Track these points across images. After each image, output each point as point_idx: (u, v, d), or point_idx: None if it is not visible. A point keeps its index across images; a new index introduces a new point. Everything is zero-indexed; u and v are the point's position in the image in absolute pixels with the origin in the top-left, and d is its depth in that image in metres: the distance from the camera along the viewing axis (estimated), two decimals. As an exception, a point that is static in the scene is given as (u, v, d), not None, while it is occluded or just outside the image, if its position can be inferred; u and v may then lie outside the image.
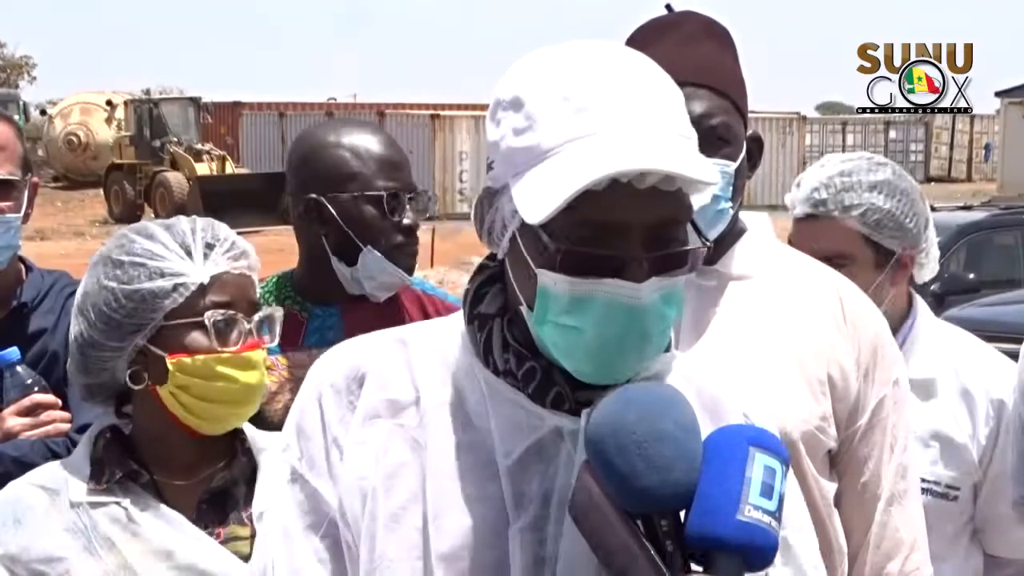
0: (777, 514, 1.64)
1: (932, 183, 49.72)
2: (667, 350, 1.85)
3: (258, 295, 2.51)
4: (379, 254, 3.06)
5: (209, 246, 2.44)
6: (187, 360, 2.40)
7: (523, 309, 1.77)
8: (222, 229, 2.49)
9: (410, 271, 3.13)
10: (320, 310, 3.12)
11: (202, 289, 2.41)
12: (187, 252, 2.43)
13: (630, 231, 1.68)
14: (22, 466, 2.68)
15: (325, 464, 1.84)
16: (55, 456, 2.75)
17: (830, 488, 2.57)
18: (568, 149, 1.68)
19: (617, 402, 1.66)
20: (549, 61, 1.75)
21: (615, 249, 1.68)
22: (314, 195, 3.10)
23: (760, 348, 2.54)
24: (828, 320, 2.58)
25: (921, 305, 3.48)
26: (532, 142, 1.70)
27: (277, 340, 2.50)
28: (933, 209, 12.92)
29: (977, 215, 14.89)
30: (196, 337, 2.40)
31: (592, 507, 1.64)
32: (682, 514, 1.64)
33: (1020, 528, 3.37)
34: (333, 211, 3.08)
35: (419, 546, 1.77)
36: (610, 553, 1.64)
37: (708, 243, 1.77)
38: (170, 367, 2.41)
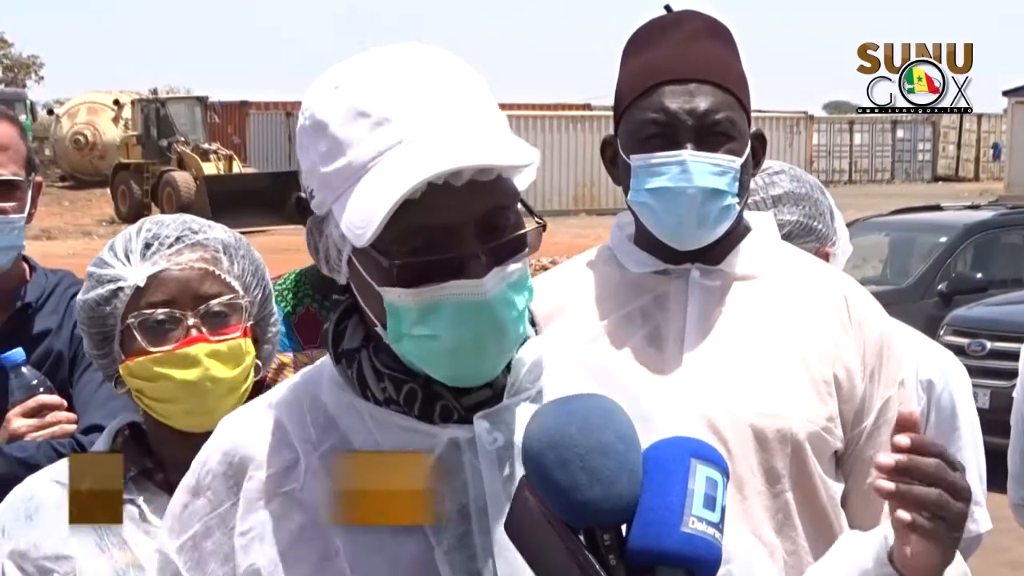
0: (720, 526, 1.62)
1: (939, 182, 49.79)
2: (532, 333, 1.82)
3: (232, 284, 2.44)
4: None
5: (147, 246, 2.41)
6: (131, 364, 2.40)
7: (379, 329, 1.74)
8: (169, 226, 2.45)
9: None
10: None
11: (139, 291, 2.39)
12: (126, 256, 2.41)
13: (459, 229, 1.65)
14: (28, 467, 2.68)
15: (207, 559, 1.80)
16: (60, 457, 2.74)
17: (837, 489, 2.57)
18: (379, 164, 1.65)
19: (557, 414, 1.64)
20: (340, 78, 1.72)
21: (449, 250, 1.66)
22: (303, 194, 3.09)
23: (765, 349, 2.53)
24: (834, 320, 2.57)
25: None
26: (343, 164, 1.68)
27: (242, 331, 2.43)
28: (940, 208, 12.87)
29: (984, 214, 14.85)
30: (139, 340, 2.39)
31: (532, 523, 1.62)
32: (624, 528, 1.62)
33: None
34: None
35: None
36: (552, 569, 1.61)
37: (541, 221, 1.74)
38: (120, 372, 2.42)
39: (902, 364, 2.64)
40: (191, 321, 2.38)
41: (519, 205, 1.73)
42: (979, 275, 13.46)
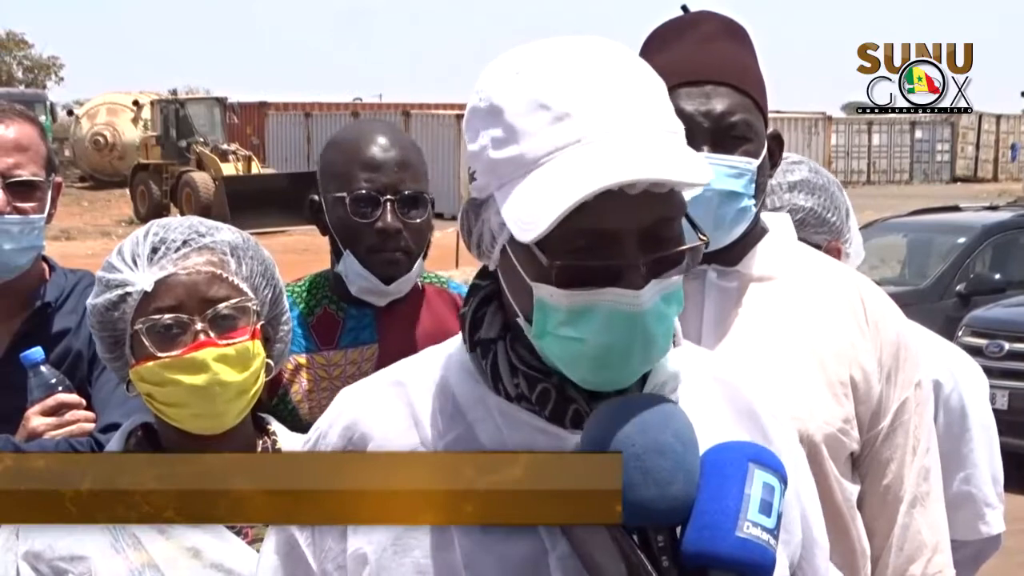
0: (775, 532, 1.62)
1: (958, 183, 49.59)
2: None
3: (240, 287, 2.43)
4: (354, 258, 3.01)
5: (155, 250, 2.41)
6: (141, 368, 2.40)
7: (521, 321, 1.72)
8: (176, 229, 2.45)
9: (387, 278, 3.02)
10: (355, 310, 3.09)
11: (148, 296, 2.39)
12: (133, 260, 2.41)
13: (624, 237, 1.63)
14: (46, 466, 2.68)
15: (325, 536, 1.81)
16: (79, 456, 2.75)
17: (853, 490, 2.57)
18: (554, 160, 1.62)
19: (616, 414, 1.64)
20: (522, 64, 1.69)
21: (610, 257, 1.63)
22: (315, 196, 3.11)
23: (782, 350, 2.53)
24: (850, 322, 2.57)
25: None
26: (515, 153, 1.65)
27: (250, 334, 2.42)
28: (958, 209, 12.91)
29: (1003, 215, 14.79)
30: (147, 345, 2.39)
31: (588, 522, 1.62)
32: (678, 530, 1.62)
33: (969, 508, 3.45)
34: (325, 213, 3.07)
35: None
36: (604, 568, 1.61)
37: (705, 238, 1.70)
38: (131, 376, 2.43)
39: (919, 365, 2.63)
40: (199, 325, 2.38)
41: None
42: (997, 276, 13.42)
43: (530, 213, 1.61)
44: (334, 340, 3.06)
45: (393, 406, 1.81)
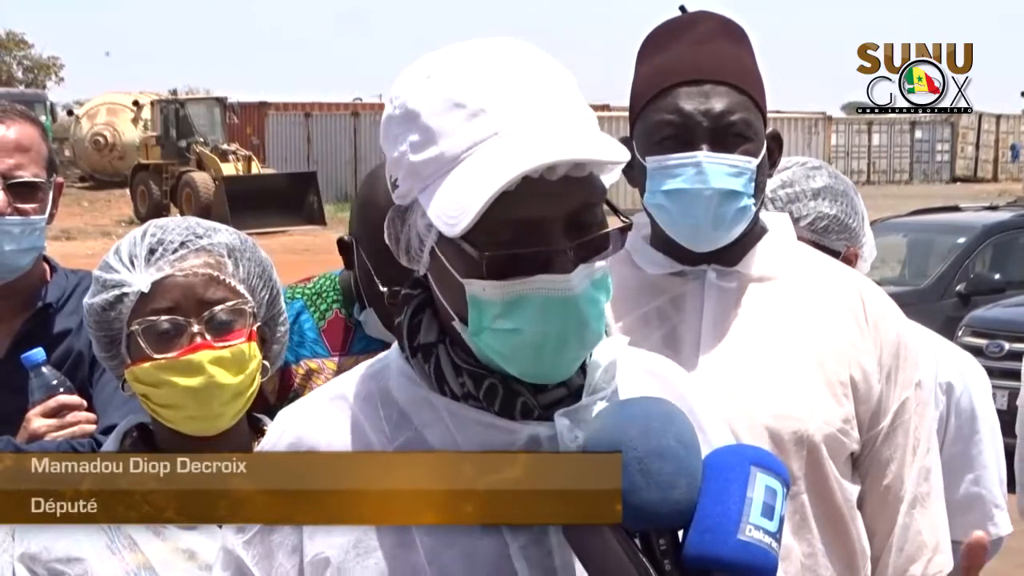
0: (777, 535, 1.62)
1: (958, 183, 49.57)
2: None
3: (237, 289, 2.42)
4: (376, 318, 2.99)
5: (152, 251, 2.40)
6: (136, 369, 2.40)
7: (456, 324, 1.74)
8: (174, 231, 2.44)
9: None
10: (367, 317, 3.08)
11: (144, 297, 2.38)
12: (131, 261, 2.41)
13: (549, 224, 1.66)
14: (47, 467, 2.68)
15: (274, 552, 1.82)
16: (79, 457, 2.74)
17: (853, 490, 2.57)
18: (473, 155, 1.65)
19: (617, 417, 1.65)
20: (433, 68, 1.72)
21: (537, 245, 1.66)
22: (349, 235, 3.04)
23: (782, 350, 2.53)
24: (850, 321, 2.57)
25: None
26: (435, 153, 1.67)
27: (247, 336, 2.41)
28: (958, 209, 12.93)
29: (1003, 215, 14.79)
30: (143, 346, 2.39)
31: (589, 524, 1.63)
32: (680, 533, 1.63)
33: (979, 510, 3.47)
34: (354, 256, 3.02)
35: None
36: (606, 571, 1.62)
37: (627, 220, 1.74)
38: (126, 376, 2.43)
39: (919, 365, 2.64)
40: (195, 328, 2.37)
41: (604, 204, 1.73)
42: (997, 276, 13.43)
43: (454, 207, 1.63)
44: (345, 346, 3.06)
45: (336, 419, 1.82)
